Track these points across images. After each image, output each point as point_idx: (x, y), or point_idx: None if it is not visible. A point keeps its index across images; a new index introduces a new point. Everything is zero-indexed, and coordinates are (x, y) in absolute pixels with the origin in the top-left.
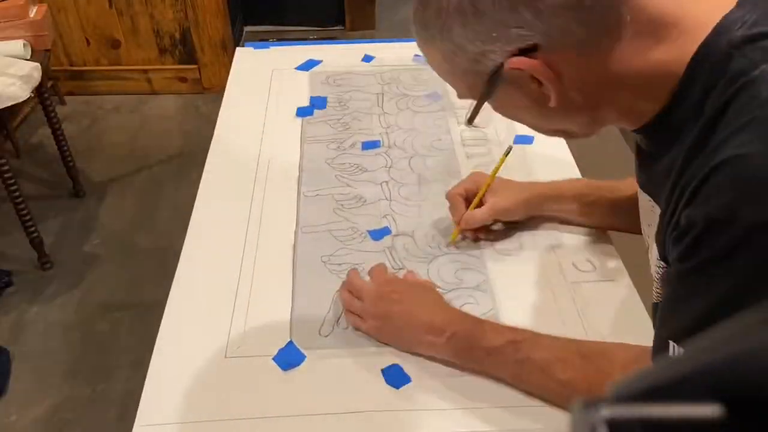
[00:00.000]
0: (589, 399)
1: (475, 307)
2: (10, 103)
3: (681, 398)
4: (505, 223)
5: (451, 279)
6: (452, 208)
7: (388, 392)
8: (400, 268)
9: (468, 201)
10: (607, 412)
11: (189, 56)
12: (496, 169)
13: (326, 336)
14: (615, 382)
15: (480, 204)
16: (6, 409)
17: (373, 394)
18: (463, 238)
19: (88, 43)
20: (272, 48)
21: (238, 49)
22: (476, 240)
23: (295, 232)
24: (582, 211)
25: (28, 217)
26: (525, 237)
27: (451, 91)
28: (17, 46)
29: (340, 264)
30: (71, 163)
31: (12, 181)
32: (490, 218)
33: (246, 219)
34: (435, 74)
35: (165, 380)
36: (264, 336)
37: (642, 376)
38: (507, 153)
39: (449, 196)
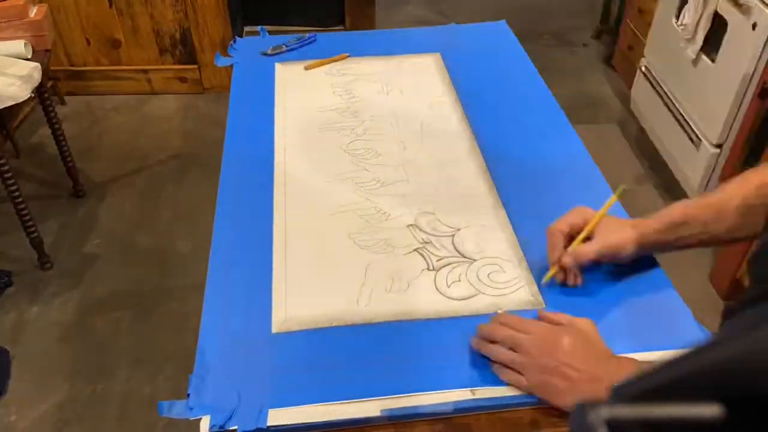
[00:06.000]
0: (589, 399)
1: (502, 275)
2: (10, 103)
3: (681, 398)
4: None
5: (474, 249)
6: (551, 245)
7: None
8: (428, 242)
9: (570, 239)
10: (607, 412)
11: (189, 56)
12: (607, 205)
13: (365, 306)
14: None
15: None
16: (6, 409)
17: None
18: (555, 283)
19: (89, 43)
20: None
21: (238, 39)
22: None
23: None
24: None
25: (28, 217)
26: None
27: None
28: (18, 46)
29: (367, 240)
30: (71, 163)
31: (12, 181)
32: (598, 256)
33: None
34: (429, 61)
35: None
36: (305, 309)
37: (642, 376)
38: (619, 193)
39: (550, 232)
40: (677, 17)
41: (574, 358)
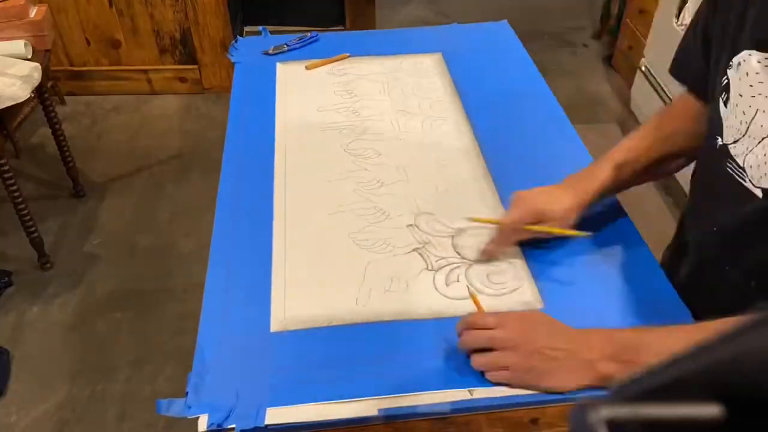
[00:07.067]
0: (589, 399)
1: (501, 275)
2: (10, 104)
3: (681, 398)
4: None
5: (474, 249)
6: (503, 239)
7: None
8: (427, 242)
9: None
10: (607, 412)
11: (189, 56)
12: (568, 232)
13: (364, 306)
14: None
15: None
16: (6, 409)
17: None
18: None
19: (89, 43)
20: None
21: (240, 39)
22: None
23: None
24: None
25: (28, 217)
26: None
27: None
28: (18, 46)
29: (367, 239)
30: (71, 163)
31: (12, 181)
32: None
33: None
34: (430, 61)
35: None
36: (304, 309)
37: (642, 376)
38: (585, 235)
39: (504, 229)
40: (677, 17)
41: (550, 339)
